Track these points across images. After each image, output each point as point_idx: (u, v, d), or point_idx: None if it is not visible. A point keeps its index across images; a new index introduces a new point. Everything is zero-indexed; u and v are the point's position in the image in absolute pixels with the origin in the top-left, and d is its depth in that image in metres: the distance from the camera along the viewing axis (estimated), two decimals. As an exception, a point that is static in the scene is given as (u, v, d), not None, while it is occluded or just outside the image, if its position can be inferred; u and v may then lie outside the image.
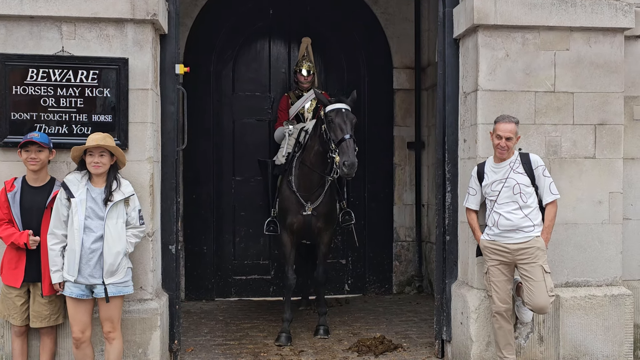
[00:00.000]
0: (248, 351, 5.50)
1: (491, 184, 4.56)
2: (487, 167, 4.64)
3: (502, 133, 4.46)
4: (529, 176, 4.51)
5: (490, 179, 4.58)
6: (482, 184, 4.63)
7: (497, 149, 4.50)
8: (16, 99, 4.51)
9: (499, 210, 4.51)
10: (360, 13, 7.82)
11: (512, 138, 4.46)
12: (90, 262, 4.08)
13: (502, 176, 4.53)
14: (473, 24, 4.81)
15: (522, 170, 4.52)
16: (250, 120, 7.65)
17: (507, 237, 4.50)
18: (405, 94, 7.94)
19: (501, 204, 4.51)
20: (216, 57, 7.58)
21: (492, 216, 4.56)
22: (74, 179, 4.19)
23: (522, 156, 4.58)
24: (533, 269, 4.44)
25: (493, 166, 4.60)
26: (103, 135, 4.23)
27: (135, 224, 4.28)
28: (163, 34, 4.90)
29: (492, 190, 4.56)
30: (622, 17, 4.93)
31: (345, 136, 5.25)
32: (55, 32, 4.55)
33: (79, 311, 4.17)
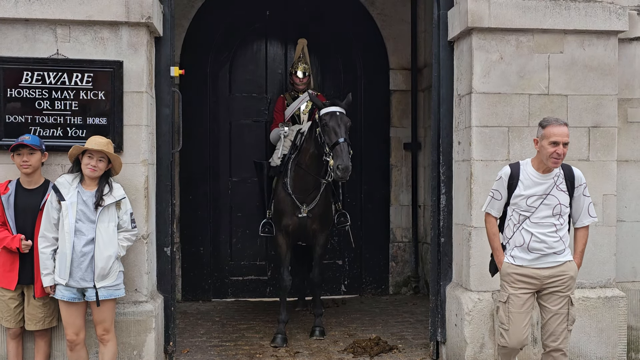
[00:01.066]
0: (244, 352, 5.52)
1: (528, 197, 3.90)
2: (526, 175, 3.95)
3: (560, 138, 3.82)
4: (569, 194, 3.94)
5: (527, 190, 3.91)
6: (513, 192, 3.94)
7: (552, 159, 3.82)
8: (11, 102, 4.52)
9: (531, 229, 3.89)
10: (357, 14, 7.83)
11: (568, 144, 3.88)
12: (82, 265, 4.08)
13: (543, 191, 3.89)
14: (467, 27, 4.82)
15: (565, 188, 3.93)
16: (246, 122, 7.67)
17: (539, 262, 3.91)
18: (401, 95, 7.95)
19: (536, 223, 3.88)
20: (213, 58, 7.59)
21: (521, 235, 3.93)
22: (65, 181, 4.19)
23: (564, 169, 3.98)
24: (559, 299, 3.92)
25: (536, 176, 3.93)
26: (107, 141, 4.26)
27: (127, 227, 4.28)
28: (158, 36, 4.91)
29: (527, 205, 3.90)
30: (615, 20, 4.94)
31: (339, 140, 5.26)
32: (50, 35, 4.56)
33: (71, 314, 4.18)
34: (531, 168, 3.95)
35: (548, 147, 3.82)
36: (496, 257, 4.04)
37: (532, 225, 3.88)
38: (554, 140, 3.82)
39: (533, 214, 3.87)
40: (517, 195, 3.91)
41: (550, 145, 3.81)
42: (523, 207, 3.90)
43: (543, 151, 3.85)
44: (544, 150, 3.83)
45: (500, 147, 4.89)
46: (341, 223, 6.26)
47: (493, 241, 4.05)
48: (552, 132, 3.83)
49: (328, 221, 6.07)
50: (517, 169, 3.97)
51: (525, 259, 3.92)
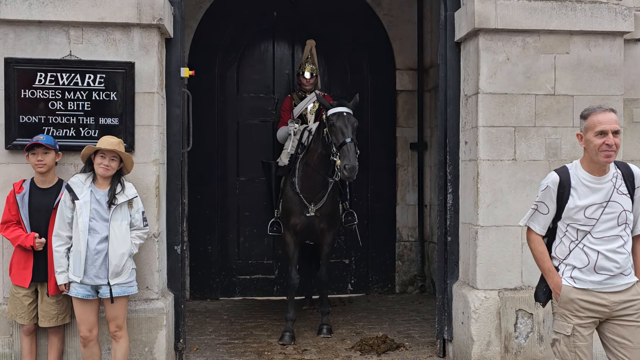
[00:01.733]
0: (252, 350, 5.58)
1: (585, 207, 3.23)
2: (578, 181, 3.28)
3: (608, 126, 3.20)
4: (630, 197, 3.28)
5: (584, 199, 3.24)
6: (565, 204, 3.28)
7: (602, 153, 3.19)
8: (25, 102, 4.59)
9: (596, 246, 3.22)
10: (364, 15, 7.88)
11: (619, 132, 3.26)
12: (96, 263, 4.16)
13: (603, 198, 3.23)
14: (474, 28, 4.87)
15: (625, 190, 3.27)
16: (254, 121, 7.73)
17: (608, 285, 3.24)
18: (408, 95, 8.00)
19: (600, 239, 3.22)
20: (221, 59, 7.66)
21: (584, 253, 3.26)
22: (78, 181, 4.26)
23: (621, 168, 3.33)
24: (634, 329, 3.25)
25: (590, 180, 3.27)
26: (119, 141, 4.35)
27: (139, 225, 4.36)
28: (169, 37, 4.97)
29: (586, 216, 3.24)
30: (621, 21, 4.98)
31: (346, 140, 5.32)
32: (63, 37, 4.63)
33: (85, 311, 4.25)
34: (583, 171, 3.29)
35: (595, 139, 3.19)
36: (550, 280, 3.36)
37: (596, 242, 3.22)
38: (600, 130, 3.19)
39: (595, 227, 3.21)
40: (572, 208, 3.25)
41: (597, 136, 3.18)
42: (580, 219, 3.24)
43: (590, 146, 3.21)
44: (591, 145, 3.20)
45: (507, 147, 4.94)
46: (349, 222, 6.32)
47: (543, 261, 3.39)
48: (597, 120, 3.22)
49: (335, 220, 6.13)
50: (567, 175, 3.30)
51: (591, 281, 3.24)
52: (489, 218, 4.92)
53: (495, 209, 4.92)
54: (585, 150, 3.30)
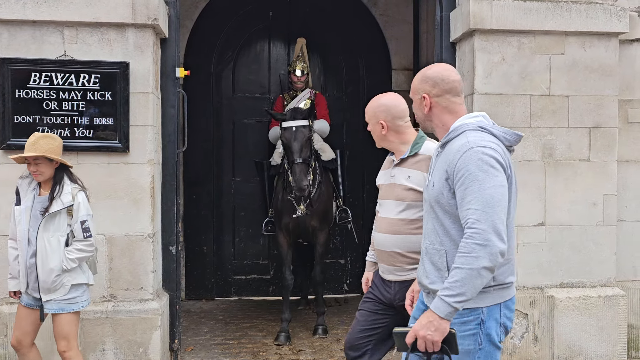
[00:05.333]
0: (247, 350, 5.58)
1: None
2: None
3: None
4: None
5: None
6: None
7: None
8: (19, 102, 4.58)
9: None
10: (360, 15, 7.87)
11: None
12: (31, 275, 3.80)
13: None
14: (469, 28, 4.88)
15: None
16: (250, 121, 7.72)
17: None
18: (404, 95, 7.93)
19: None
20: (216, 59, 7.64)
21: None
22: (24, 183, 3.88)
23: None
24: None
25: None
26: (35, 138, 3.80)
27: (79, 237, 3.81)
28: (164, 37, 4.97)
29: None
30: (616, 22, 4.99)
31: (296, 160, 5.41)
32: (58, 37, 4.62)
33: (22, 318, 3.92)
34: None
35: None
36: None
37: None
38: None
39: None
40: None
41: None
42: None
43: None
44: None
45: (502, 148, 4.93)
46: (343, 219, 6.31)
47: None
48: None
49: (328, 219, 6.12)
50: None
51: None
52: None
53: (490, 210, 4.91)
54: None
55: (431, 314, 2.40)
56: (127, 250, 4.69)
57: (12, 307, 4.55)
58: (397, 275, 3.32)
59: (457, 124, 2.61)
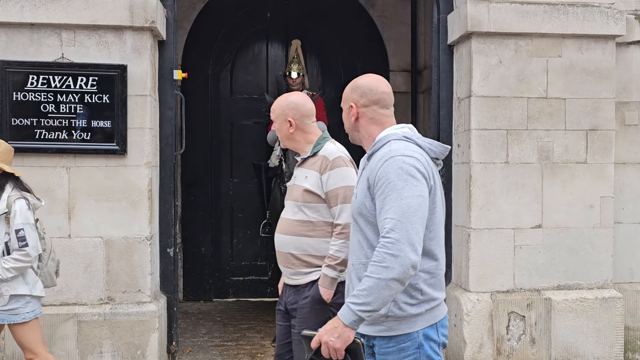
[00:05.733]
0: (245, 352, 5.58)
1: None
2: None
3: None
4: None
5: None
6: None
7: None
8: (17, 105, 4.58)
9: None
10: (357, 16, 7.88)
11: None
12: None
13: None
14: (467, 31, 4.88)
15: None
16: (247, 123, 7.73)
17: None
18: (401, 97, 7.99)
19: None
20: (214, 60, 7.65)
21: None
22: None
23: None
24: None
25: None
26: None
27: (14, 246, 3.68)
28: (161, 40, 4.97)
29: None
30: (613, 25, 5.00)
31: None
32: (55, 39, 4.62)
33: None
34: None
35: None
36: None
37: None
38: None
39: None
40: None
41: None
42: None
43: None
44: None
45: (499, 150, 4.95)
46: None
47: None
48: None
49: None
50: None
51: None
52: (481, 221, 4.93)
53: (487, 212, 4.93)
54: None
55: (337, 320, 2.31)
56: (124, 252, 4.70)
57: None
58: (291, 279, 3.26)
59: (382, 135, 2.54)
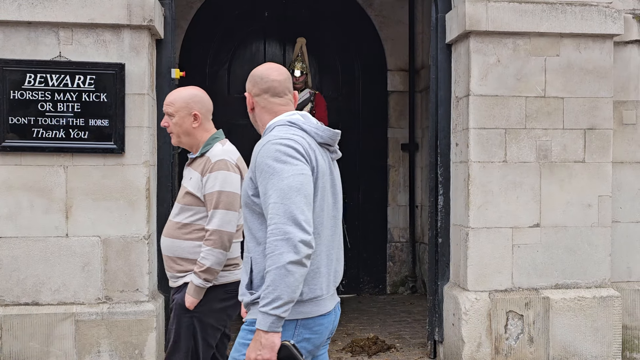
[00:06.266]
0: (243, 352, 5.56)
1: None
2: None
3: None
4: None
5: None
6: None
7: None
8: (14, 104, 4.55)
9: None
10: (355, 16, 7.88)
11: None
12: None
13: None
14: (465, 30, 4.88)
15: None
16: (245, 122, 7.65)
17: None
18: (399, 96, 8.01)
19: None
20: (211, 59, 7.64)
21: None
22: None
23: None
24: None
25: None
26: None
27: None
28: (159, 38, 4.95)
29: None
30: (611, 24, 5.00)
31: None
32: (53, 38, 4.60)
33: None
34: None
35: None
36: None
37: None
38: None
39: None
40: None
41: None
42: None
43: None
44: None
45: (498, 149, 4.95)
46: None
47: None
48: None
49: None
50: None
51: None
52: (479, 220, 4.93)
53: (486, 211, 4.93)
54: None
55: (257, 331, 2.16)
56: (122, 251, 4.68)
57: (5, 309, 4.55)
58: (170, 281, 3.20)
59: (270, 123, 2.47)
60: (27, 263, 4.59)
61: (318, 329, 2.31)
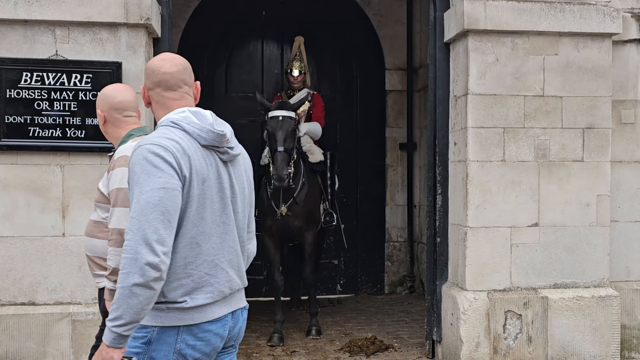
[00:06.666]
0: (241, 351, 5.54)
1: None
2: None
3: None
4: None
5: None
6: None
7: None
8: (10, 103, 4.54)
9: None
10: (353, 15, 7.87)
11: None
12: None
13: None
14: (463, 29, 4.87)
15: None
16: (243, 122, 7.65)
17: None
18: (397, 96, 8.00)
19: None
20: (209, 59, 7.62)
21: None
22: None
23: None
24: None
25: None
26: None
27: None
28: (156, 37, 4.93)
29: None
30: (609, 23, 4.99)
31: (278, 148, 5.32)
32: (49, 36, 4.58)
33: None
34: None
35: None
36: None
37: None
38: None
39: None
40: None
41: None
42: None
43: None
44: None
45: (496, 148, 4.94)
46: (327, 223, 6.26)
47: None
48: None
49: (314, 220, 6.04)
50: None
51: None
52: (478, 219, 4.92)
53: (484, 210, 4.92)
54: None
55: (102, 344, 2.11)
56: (119, 251, 4.66)
57: (2, 309, 4.52)
58: (95, 283, 3.17)
59: (161, 120, 2.32)
60: (23, 262, 4.56)
61: (204, 335, 2.24)
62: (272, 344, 5.69)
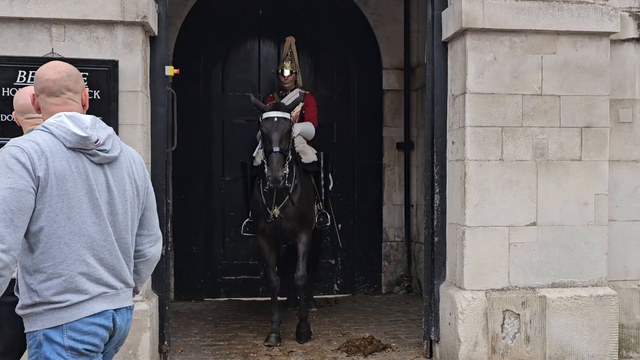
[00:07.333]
0: (238, 351, 5.53)
1: None
2: None
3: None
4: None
5: None
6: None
7: None
8: (6, 101, 4.49)
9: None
10: (350, 14, 7.85)
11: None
12: None
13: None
14: (461, 28, 4.85)
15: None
16: (239, 121, 7.67)
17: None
18: (394, 95, 7.99)
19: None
20: (206, 58, 7.60)
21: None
22: None
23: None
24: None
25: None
26: None
27: None
28: (153, 35, 4.91)
29: None
30: (608, 22, 4.99)
31: (273, 149, 5.30)
32: (45, 34, 4.55)
33: None
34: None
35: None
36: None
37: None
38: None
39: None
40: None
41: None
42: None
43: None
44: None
45: (494, 147, 4.93)
46: (320, 224, 6.22)
47: None
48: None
49: (307, 221, 5.98)
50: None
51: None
52: (476, 218, 4.90)
53: (482, 209, 4.91)
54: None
55: None
56: (116, 250, 4.63)
57: None
58: None
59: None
60: (19, 262, 4.53)
61: (89, 328, 2.36)
62: (269, 344, 5.66)
